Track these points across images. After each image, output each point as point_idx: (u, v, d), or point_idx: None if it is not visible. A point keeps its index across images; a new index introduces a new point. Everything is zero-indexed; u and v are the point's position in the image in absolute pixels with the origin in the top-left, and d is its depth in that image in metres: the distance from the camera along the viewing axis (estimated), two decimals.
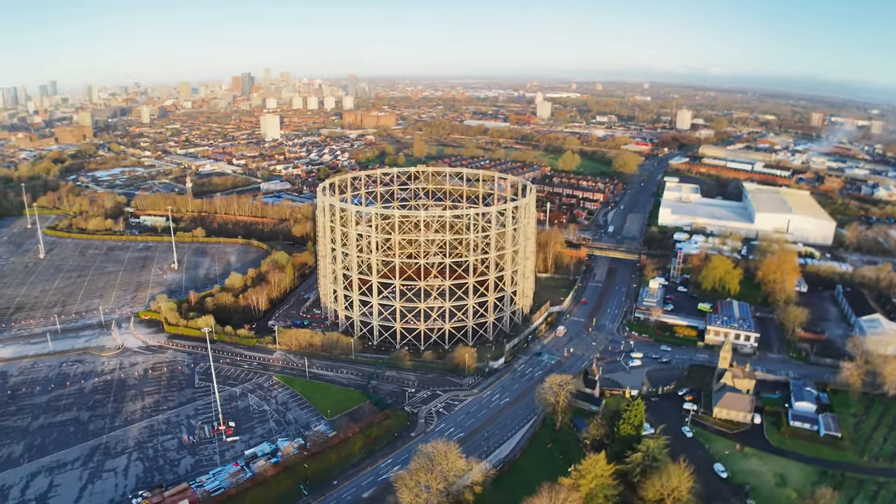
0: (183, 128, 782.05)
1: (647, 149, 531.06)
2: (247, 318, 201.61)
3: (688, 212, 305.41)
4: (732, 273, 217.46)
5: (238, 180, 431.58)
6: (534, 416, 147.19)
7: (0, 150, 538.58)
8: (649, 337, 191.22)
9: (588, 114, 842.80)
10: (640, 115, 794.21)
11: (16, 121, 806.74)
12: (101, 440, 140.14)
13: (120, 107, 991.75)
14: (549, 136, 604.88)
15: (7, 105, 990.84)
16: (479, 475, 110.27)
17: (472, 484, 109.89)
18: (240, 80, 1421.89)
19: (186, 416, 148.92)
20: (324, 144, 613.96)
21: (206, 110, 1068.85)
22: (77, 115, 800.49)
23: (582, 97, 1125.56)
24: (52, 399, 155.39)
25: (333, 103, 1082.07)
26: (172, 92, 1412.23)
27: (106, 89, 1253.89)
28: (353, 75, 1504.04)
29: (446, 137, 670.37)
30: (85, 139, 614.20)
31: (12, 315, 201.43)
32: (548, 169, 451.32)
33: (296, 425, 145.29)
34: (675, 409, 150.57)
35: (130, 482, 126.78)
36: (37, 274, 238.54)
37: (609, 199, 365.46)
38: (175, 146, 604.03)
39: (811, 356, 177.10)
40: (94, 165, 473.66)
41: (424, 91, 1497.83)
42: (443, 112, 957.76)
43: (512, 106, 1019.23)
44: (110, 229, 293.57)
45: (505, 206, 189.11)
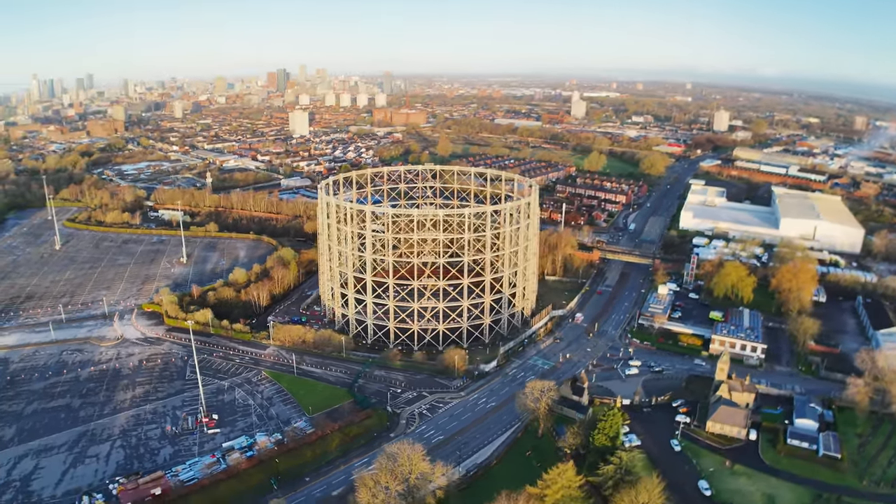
0: (214, 123, 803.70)
1: (680, 150, 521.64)
2: (247, 314, 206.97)
3: (711, 216, 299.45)
4: (746, 280, 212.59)
5: (260, 176, 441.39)
6: (518, 422, 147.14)
7: (31, 142, 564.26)
8: (651, 345, 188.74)
9: (624, 114, 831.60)
10: (677, 116, 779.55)
11: (50, 113, 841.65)
12: (88, 427, 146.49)
13: (154, 101, 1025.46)
14: (580, 136, 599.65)
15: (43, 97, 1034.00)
16: (442, 479, 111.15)
17: (435, 489, 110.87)
18: (275, 76, 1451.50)
19: (173, 407, 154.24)
20: (350, 142, 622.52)
21: (240, 106, 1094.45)
22: (111, 109, 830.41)
23: (621, 97, 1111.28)
24: (48, 386, 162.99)
25: (366, 100, 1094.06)
26: (208, 87, 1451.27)
27: (143, 83, 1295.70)
28: (388, 72, 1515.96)
29: (475, 136, 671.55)
30: (116, 133, 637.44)
31: (22, 304, 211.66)
32: (573, 169, 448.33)
33: (277, 421, 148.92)
34: (668, 420, 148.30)
35: (110, 468, 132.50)
36: (50, 265, 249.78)
37: (632, 202, 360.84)
38: (203, 141, 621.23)
39: (821, 370, 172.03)
40: (121, 159, 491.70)
41: (461, 89, 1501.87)
42: (475, 110, 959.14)
43: (547, 105, 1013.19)
44: (127, 222, 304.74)
45: (503, 205, 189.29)
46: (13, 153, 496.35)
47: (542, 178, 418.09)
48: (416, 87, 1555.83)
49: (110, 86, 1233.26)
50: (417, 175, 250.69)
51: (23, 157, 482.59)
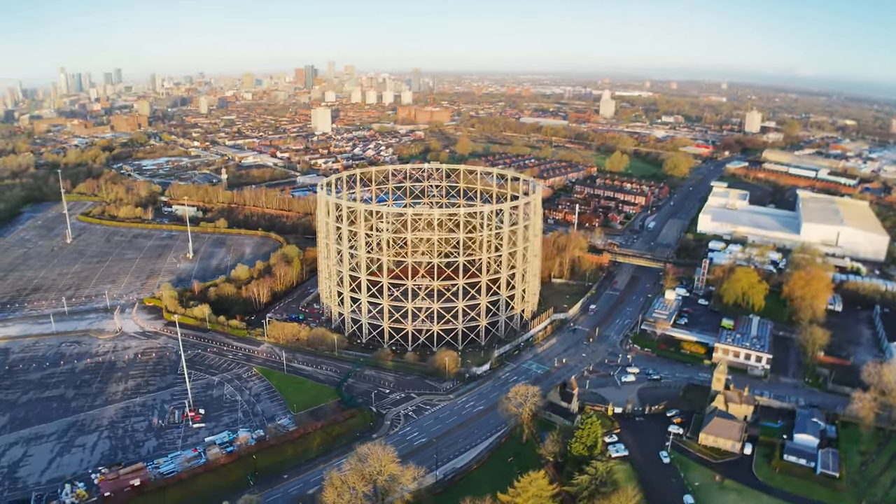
0: (238, 119, 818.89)
1: (708, 151, 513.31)
2: (247, 310, 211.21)
3: (730, 219, 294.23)
4: (757, 287, 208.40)
5: (276, 173, 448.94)
6: (504, 426, 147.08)
7: (54, 136, 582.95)
8: (652, 352, 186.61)
9: (654, 113, 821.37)
10: (708, 117, 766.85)
11: (76, 108, 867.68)
12: (78, 417, 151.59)
13: (181, 96, 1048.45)
14: (606, 136, 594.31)
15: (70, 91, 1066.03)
16: (411, 482, 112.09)
17: (404, 491, 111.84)
18: (302, 73, 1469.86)
19: (162, 401, 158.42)
20: (371, 139, 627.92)
21: (266, 102, 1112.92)
22: (137, 104, 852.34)
23: (653, 96, 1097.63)
24: (44, 376, 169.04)
25: (392, 98, 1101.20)
26: (236, 83, 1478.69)
27: (171, 79, 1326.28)
28: (416, 69, 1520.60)
29: (498, 134, 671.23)
30: (139, 128, 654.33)
31: (28, 296, 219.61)
32: (594, 170, 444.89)
33: (262, 417, 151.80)
34: (660, 430, 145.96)
35: (95, 458, 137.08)
36: (60, 258, 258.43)
37: (651, 203, 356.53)
38: (225, 137, 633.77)
39: (828, 383, 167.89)
40: (141, 154, 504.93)
41: (490, 87, 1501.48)
42: (502, 108, 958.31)
43: (576, 103, 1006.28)
44: (139, 217, 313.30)
45: (500, 205, 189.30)
46: (36, 147, 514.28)
47: (561, 178, 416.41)
48: (445, 85, 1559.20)
49: (138, 81, 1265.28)
50: (424, 173, 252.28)
51: (45, 150, 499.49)
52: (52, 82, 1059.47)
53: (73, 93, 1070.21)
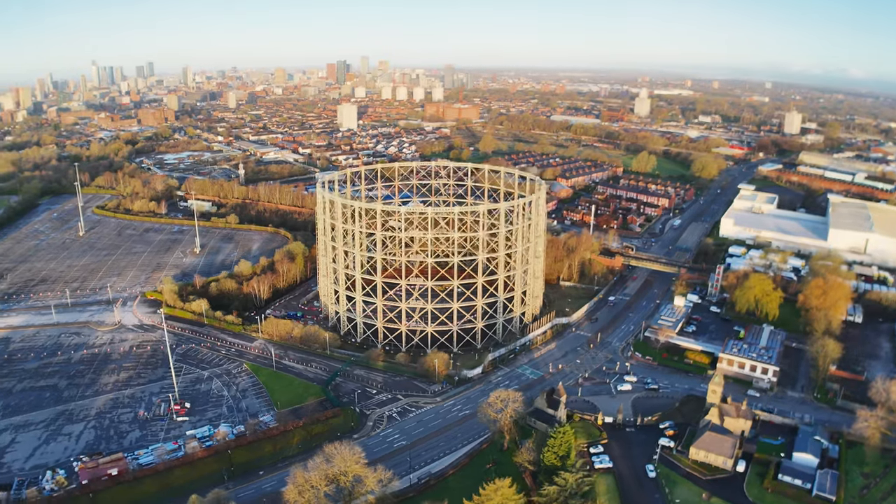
0: (265, 114, 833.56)
1: (741, 153, 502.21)
2: (247, 306, 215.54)
3: (754, 224, 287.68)
4: (772, 295, 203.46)
5: (295, 169, 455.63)
6: (487, 432, 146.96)
7: (81, 129, 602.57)
8: (653, 360, 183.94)
9: (691, 113, 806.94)
10: (747, 117, 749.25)
11: (106, 100, 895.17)
12: (68, 407, 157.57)
13: (211, 91, 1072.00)
14: (637, 135, 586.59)
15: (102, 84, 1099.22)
16: (375, 485, 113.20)
17: (374, 495, 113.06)
18: (334, 68, 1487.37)
19: (150, 394, 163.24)
20: (395, 136, 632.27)
21: (295, 97, 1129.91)
22: (166, 98, 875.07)
23: (693, 95, 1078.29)
24: (41, 366, 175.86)
25: (423, 94, 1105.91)
26: (269, 77, 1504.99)
27: (203, 73, 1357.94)
28: (449, 65, 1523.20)
29: (526, 133, 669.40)
30: (166, 122, 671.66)
31: (35, 287, 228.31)
32: (619, 170, 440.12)
33: (245, 413, 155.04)
34: (651, 442, 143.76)
35: (79, 447, 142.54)
36: (70, 250, 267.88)
37: (675, 206, 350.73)
38: (250, 132, 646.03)
39: (838, 399, 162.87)
40: (164, 149, 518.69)
41: (525, 84, 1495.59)
42: (534, 106, 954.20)
43: (611, 102, 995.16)
44: (153, 211, 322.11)
45: (496, 204, 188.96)
46: (61, 139, 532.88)
47: (584, 178, 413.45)
48: (480, 81, 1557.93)
49: (170, 74, 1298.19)
50: (431, 171, 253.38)
51: (68, 143, 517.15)
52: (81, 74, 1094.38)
53: (104, 86, 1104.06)
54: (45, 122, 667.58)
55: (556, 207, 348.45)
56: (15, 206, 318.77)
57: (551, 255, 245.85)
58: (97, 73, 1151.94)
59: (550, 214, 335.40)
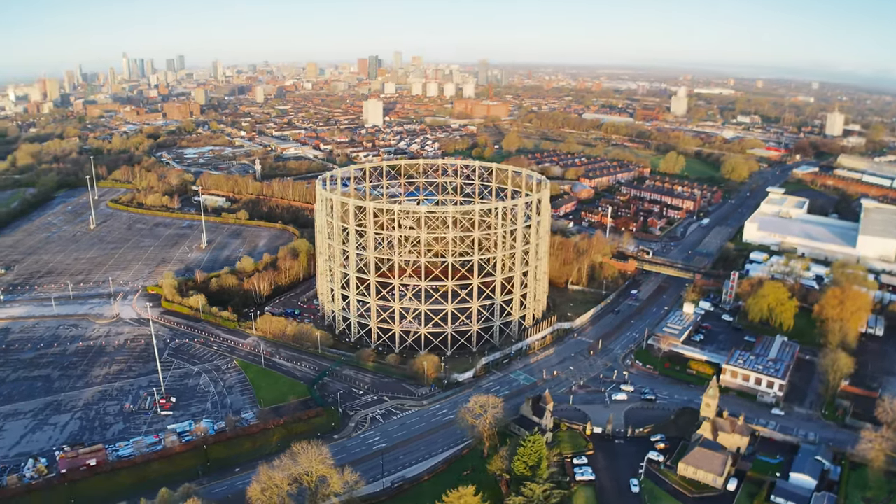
0: (292, 109, 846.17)
1: (777, 155, 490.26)
2: (246, 302, 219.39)
3: (779, 229, 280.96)
4: (786, 304, 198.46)
5: (314, 166, 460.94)
6: (470, 438, 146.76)
7: (106, 122, 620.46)
8: (654, 369, 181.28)
9: (729, 112, 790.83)
10: (788, 117, 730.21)
11: (134, 93, 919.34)
12: (57, 397, 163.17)
13: (240, 85, 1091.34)
14: (670, 135, 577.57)
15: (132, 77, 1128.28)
16: (340, 487, 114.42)
17: (331, 493, 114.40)
18: (366, 63, 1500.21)
19: (139, 387, 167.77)
20: (420, 133, 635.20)
21: (324, 92, 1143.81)
22: (194, 92, 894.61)
23: (734, 94, 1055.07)
24: (36, 357, 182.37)
25: (454, 90, 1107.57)
26: (300, 72, 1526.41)
27: (234, 66, 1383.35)
28: (483, 61, 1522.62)
29: (556, 131, 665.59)
30: (191, 116, 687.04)
31: (40, 279, 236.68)
32: (646, 170, 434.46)
33: (229, 409, 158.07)
34: (640, 455, 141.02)
35: (63, 437, 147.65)
36: (80, 243, 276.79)
37: (700, 209, 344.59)
38: (273, 127, 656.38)
39: (847, 417, 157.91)
40: (185, 143, 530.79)
41: (561, 80, 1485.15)
42: (567, 104, 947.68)
43: (648, 100, 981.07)
44: (165, 206, 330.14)
45: (493, 204, 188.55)
46: (85, 132, 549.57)
47: (608, 179, 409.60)
48: (515, 78, 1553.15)
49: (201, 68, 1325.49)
50: (438, 170, 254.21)
51: (91, 136, 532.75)
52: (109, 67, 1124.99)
53: (134, 78, 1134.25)
54: (70, 114, 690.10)
55: (576, 208, 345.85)
56: (30, 199, 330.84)
57: (560, 257, 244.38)
58: (127, 66, 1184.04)
59: (568, 215, 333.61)
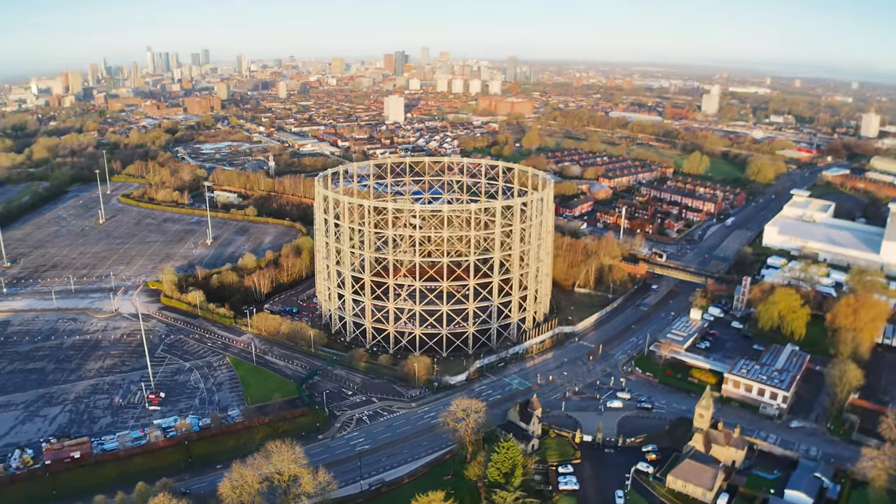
0: (314, 105, 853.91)
1: (808, 156, 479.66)
2: (246, 299, 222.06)
3: (801, 233, 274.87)
4: (798, 312, 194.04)
5: (329, 162, 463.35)
6: (455, 443, 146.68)
7: (126, 116, 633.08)
8: (654, 377, 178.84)
9: (763, 112, 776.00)
10: (822, 118, 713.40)
11: (157, 88, 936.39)
12: (49, 390, 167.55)
13: (264, 80, 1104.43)
14: (698, 135, 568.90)
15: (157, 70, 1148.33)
16: (311, 487, 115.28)
17: (301, 493, 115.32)
18: (392, 59, 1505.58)
19: (130, 382, 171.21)
20: (441, 130, 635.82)
21: (349, 88, 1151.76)
22: (217, 86, 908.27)
23: (770, 93, 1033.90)
24: (33, 349, 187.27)
25: (480, 87, 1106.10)
26: (326, 67, 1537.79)
27: (260, 61, 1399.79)
28: (512, 57, 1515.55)
29: (580, 129, 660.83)
30: (211, 111, 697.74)
31: (45, 272, 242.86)
32: (669, 171, 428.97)
33: (216, 406, 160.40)
34: (629, 466, 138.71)
35: (51, 428, 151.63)
36: (87, 237, 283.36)
37: (720, 211, 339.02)
38: (293, 123, 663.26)
39: (853, 432, 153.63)
40: (203, 138, 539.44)
41: (592, 77, 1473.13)
42: (595, 101, 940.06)
43: (679, 98, 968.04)
44: (175, 201, 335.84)
45: (490, 203, 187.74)
46: (105, 126, 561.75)
47: (628, 179, 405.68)
48: (545, 74, 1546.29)
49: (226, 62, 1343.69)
50: (444, 167, 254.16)
51: (110, 130, 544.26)
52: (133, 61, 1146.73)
53: (158, 72, 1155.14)
54: (91, 108, 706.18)
55: (592, 209, 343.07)
56: (42, 193, 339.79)
57: (568, 259, 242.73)
58: (152, 60, 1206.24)
59: (583, 216, 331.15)
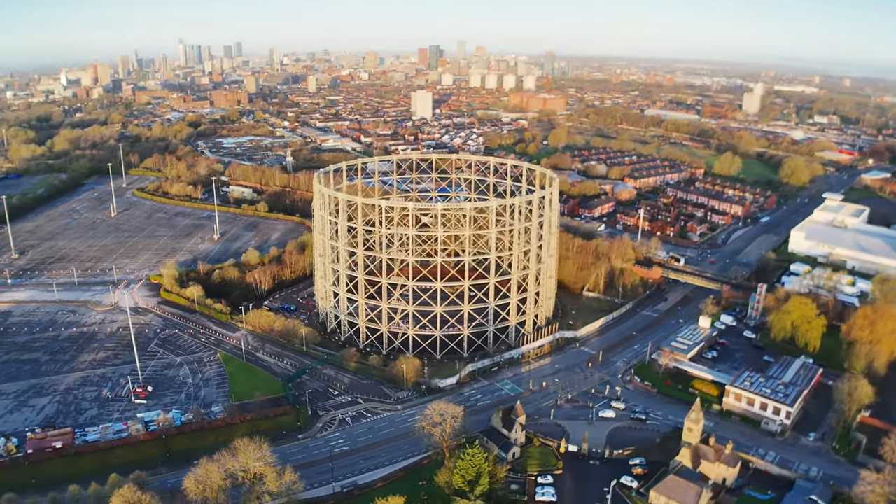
0: (343, 100, 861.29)
1: (848, 159, 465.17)
2: (247, 296, 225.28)
3: (830, 239, 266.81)
4: (813, 322, 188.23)
5: (349, 158, 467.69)
6: (431, 448, 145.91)
7: (152, 109, 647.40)
8: (652, 386, 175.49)
9: (807, 112, 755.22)
10: (869, 119, 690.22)
11: (186, 80, 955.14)
12: (41, 380, 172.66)
13: (295, 74, 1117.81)
14: (734, 134, 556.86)
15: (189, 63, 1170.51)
16: (274, 486, 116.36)
17: (264, 491, 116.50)
18: (426, 53, 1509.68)
19: (120, 375, 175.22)
20: (468, 127, 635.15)
21: (380, 83, 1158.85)
22: (246, 80, 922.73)
23: (817, 93, 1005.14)
24: (29, 340, 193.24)
25: (514, 82, 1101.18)
26: (359, 62, 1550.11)
27: (293, 54, 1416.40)
28: (550, 52, 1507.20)
29: (613, 127, 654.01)
30: (238, 104, 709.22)
31: (51, 264, 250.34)
32: (699, 171, 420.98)
33: (201, 402, 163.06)
34: (615, 479, 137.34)
35: (38, 419, 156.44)
36: (96, 230, 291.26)
37: (749, 214, 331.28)
38: (319, 118, 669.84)
39: (860, 452, 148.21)
40: (226, 132, 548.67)
41: (633, 74, 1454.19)
42: (633, 98, 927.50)
43: (720, 97, 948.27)
44: (188, 195, 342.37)
45: (488, 202, 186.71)
46: (130, 118, 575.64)
47: (655, 179, 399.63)
48: (585, 70, 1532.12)
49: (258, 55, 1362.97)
50: (452, 164, 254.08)
51: (134, 123, 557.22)
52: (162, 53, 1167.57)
53: (190, 65, 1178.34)
54: (119, 100, 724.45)
55: (613, 210, 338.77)
56: (58, 185, 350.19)
57: (577, 261, 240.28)
58: (184, 52, 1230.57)
59: (602, 217, 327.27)
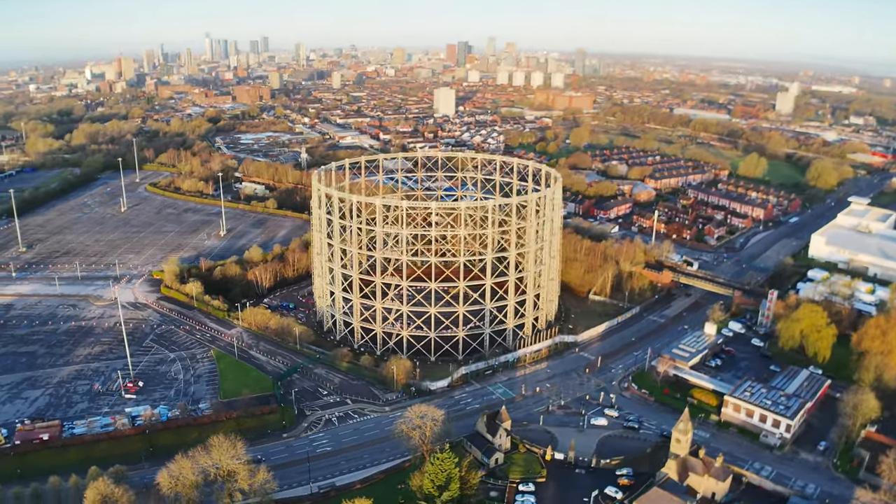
0: (367, 96, 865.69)
1: (881, 161, 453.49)
2: (247, 293, 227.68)
3: (852, 244, 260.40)
4: (823, 331, 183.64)
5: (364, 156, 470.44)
6: (410, 451, 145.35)
7: (174, 104, 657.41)
8: (649, 395, 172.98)
9: (842, 112, 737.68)
10: None
11: (211, 75, 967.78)
12: (36, 373, 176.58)
13: (320, 69, 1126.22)
14: (764, 135, 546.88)
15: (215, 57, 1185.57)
16: (246, 484, 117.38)
17: (236, 489, 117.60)
18: (454, 49, 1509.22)
19: (113, 369, 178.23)
20: (490, 125, 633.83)
21: (406, 79, 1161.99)
22: (270, 75, 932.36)
23: (856, 93, 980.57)
24: (28, 333, 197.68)
25: (542, 80, 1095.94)
26: (387, 57, 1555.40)
27: (321, 49, 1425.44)
28: (580, 49, 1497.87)
29: (640, 126, 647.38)
30: (260, 100, 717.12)
31: (57, 258, 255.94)
32: (723, 172, 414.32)
33: (190, 398, 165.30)
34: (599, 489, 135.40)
35: (29, 410, 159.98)
36: (104, 225, 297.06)
37: (771, 218, 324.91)
38: (339, 115, 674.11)
39: (862, 470, 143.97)
40: (245, 128, 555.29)
41: (666, 72, 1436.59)
42: (664, 97, 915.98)
43: (753, 96, 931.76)
44: (200, 191, 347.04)
45: (486, 202, 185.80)
46: (150, 113, 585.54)
47: (677, 180, 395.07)
48: (616, 68, 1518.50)
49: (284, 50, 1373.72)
50: (458, 163, 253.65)
51: (153, 117, 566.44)
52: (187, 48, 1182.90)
53: (215, 59, 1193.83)
54: (141, 94, 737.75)
55: (629, 211, 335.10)
56: (71, 179, 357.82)
57: (585, 263, 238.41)
58: (210, 47, 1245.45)
59: (618, 219, 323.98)
